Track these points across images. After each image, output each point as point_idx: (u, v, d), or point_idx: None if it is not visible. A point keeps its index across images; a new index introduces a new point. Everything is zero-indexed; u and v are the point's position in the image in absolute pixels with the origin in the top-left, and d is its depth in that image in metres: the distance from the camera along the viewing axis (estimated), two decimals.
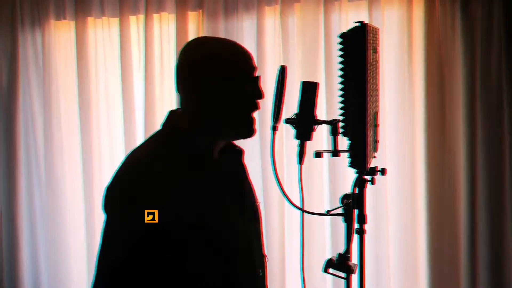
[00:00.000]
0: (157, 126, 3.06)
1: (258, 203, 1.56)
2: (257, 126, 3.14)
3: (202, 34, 2.92)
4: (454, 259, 2.71)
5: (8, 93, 3.16)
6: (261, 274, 1.51)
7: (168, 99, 3.01)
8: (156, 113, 2.99)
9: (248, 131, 1.43)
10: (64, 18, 3.13)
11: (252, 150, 2.83)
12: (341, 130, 1.49)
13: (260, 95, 1.42)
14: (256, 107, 1.43)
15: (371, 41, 1.46)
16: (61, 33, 3.17)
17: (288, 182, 2.83)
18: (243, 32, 2.90)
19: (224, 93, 1.38)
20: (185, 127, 1.42)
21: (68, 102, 3.17)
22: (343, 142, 1.49)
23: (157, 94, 3.00)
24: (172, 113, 1.48)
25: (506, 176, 2.59)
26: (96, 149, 3.12)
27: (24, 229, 3.19)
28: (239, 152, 1.54)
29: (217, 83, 1.38)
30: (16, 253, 3.17)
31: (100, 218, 3.09)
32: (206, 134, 1.42)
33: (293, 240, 2.89)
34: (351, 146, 1.43)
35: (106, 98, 3.15)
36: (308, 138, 1.49)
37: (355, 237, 1.54)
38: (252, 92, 1.41)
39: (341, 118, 1.47)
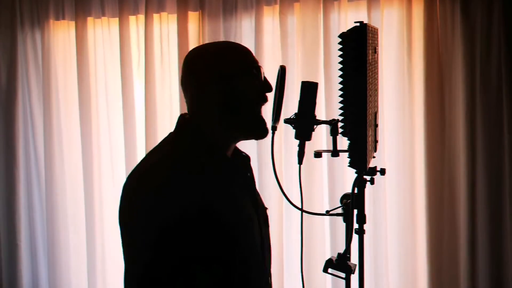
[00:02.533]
0: (158, 125, 3.07)
1: (267, 208, 1.56)
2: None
3: (202, 34, 2.92)
4: (454, 259, 2.71)
5: (8, 93, 3.16)
6: (269, 281, 1.51)
7: (168, 98, 3.01)
8: (157, 112, 2.99)
9: (260, 131, 1.44)
10: (64, 18, 3.13)
11: (249, 150, 2.83)
12: (340, 130, 1.49)
13: (267, 87, 1.43)
14: (264, 99, 1.44)
15: (371, 41, 1.46)
16: (60, 33, 3.17)
17: (287, 182, 2.83)
18: (242, 31, 2.90)
19: (229, 90, 1.39)
20: (197, 131, 1.42)
21: (67, 102, 3.17)
22: (343, 142, 1.49)
23: (157, 94, 3.00)
24: (181, 117, 1.49)
25: (506, 176, 2.59)
26: (96, 149, 3.12)
27: (23, 229, 3.18)
28: (247, 158, 1.54)
29: (220, 81, 1.39)
30: (15, 254, 3.17)
31: (99, 217, 3.11)
32: (217, 136, 1.42)
33: (293, 240, 2.89)
34: (350, 146, 1.42)
35: (106, 98, 3.14)
36: (308, 138, 1.49)
37: (355, 237, 1.54)
38: (258, 86, 1.42)
39: (340, 118, 1.47)
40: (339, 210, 1.62)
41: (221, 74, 1.39)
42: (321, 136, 2.67)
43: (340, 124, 1.48)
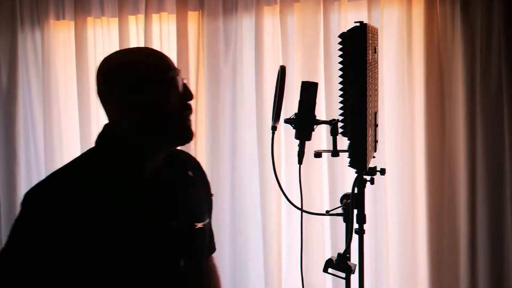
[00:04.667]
0: None
1: (197, 225, 1.49)
2: (254, 126, 3.12)
3: (202, 34, 2.92)
4: (454, 259, 2.71)
5: (8, 93, 3.15)
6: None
7: None
8: None
9: (182, 135, 1.40)
10: (64, 18, 3.13)
11: (248, 150, 2.83)
12: (340, 130, 1.49)
13: (187, 95, 1.39)
14: (187, 108, 1.39)
15: (371, 41, 1.46)
16: (60, 33, 3.17)
17: (287, 182, 2.83)
18: (242, 31, 2.90)
19: (145, 98, 1.35)
20: (112, 144, 1.39)
21: (67, 102, 3.17)
22: (343, 142, 1.49)
23: None
24: (104, 127, 1.45)
25: (506, 176, 2.59)
26: None
27: None
28: (184, 162, 1.53)
29: (134, 92, 1.35)
30: None
31: None
32: (134, 149, 1.39)
33: (293, 240, 2.89)
34: (350, 146, 1.42)
35: None
36: (308, 138, 1.49)
37: (355, 237, 1.54)
38: (176, 95, 1.38)
39: (340, 118, 1.47)
40: (339, 210, 1.62)
41: (134, 85, 1.34)
42: (321, 136, 2.66)
43: (340, 124, 1.48)
